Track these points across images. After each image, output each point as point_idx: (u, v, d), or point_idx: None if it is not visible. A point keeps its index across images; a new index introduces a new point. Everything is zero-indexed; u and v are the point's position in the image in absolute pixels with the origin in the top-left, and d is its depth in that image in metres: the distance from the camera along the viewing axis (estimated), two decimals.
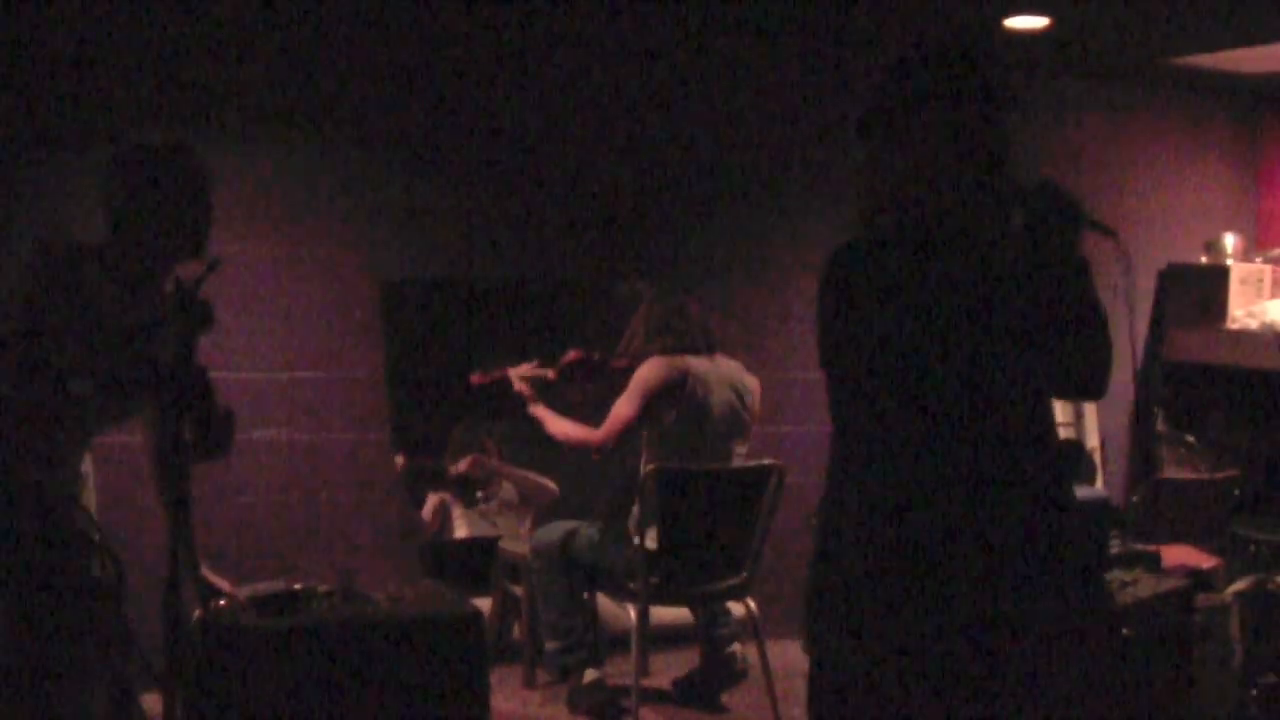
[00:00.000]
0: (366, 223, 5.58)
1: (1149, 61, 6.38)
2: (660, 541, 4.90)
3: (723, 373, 5.09)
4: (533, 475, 6.29)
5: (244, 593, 3.75)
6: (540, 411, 5.20)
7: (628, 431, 5.00)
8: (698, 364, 5.03)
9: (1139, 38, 5.87)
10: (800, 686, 5.49)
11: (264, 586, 3.87)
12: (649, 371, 4.99)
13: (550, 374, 5.23)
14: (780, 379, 6.01)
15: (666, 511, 4.89)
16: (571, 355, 5.22)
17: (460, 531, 6.25)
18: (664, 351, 5.03)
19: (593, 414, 5.13)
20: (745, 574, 5.07)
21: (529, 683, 5.37)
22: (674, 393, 4.96)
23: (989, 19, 5.63)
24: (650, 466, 4.91)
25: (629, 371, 5.05)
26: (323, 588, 3.92)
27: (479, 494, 6.24)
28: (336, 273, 5.55)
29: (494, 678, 4.47)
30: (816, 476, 6.15)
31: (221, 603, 3.65)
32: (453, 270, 5.78)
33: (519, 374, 5.23)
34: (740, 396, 5.10)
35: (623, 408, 5.00)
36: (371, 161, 5.59)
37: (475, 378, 5.37)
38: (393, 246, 5.64)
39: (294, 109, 5.46)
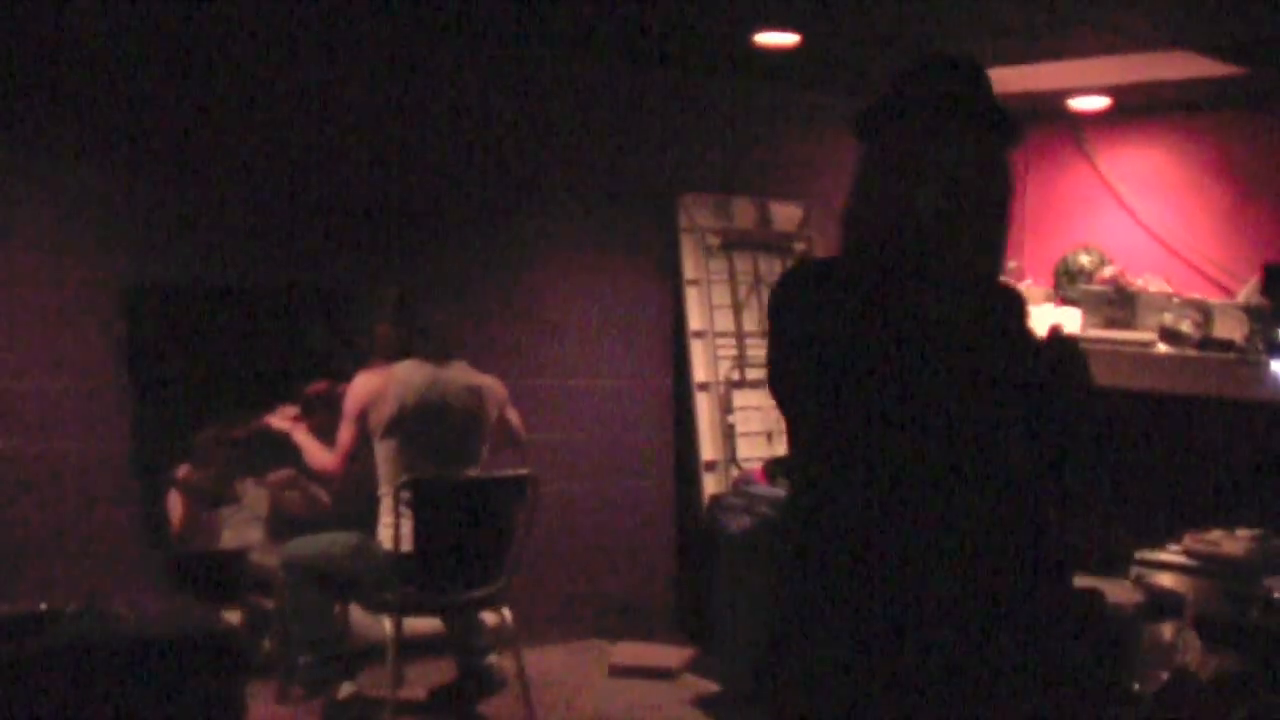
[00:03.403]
0: (109, 227, 5.41)
1: None
2: (415, 550, 4.89)
3: (451, 377, 5.12)
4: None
5: None
6: (302, 438, 5.30)
7: (354, 452, 5.10)
8: (409, 370, 5.07)
9: (889, 54, 6.04)
10: (555, 693, 5.56)
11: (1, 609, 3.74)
12: (353, 389, 5.10)
13: (296, 410, 5.45)
14: (532, 386, 6.05)
15: (420, 521, 4.89)
16: (315, 386, 5.49)
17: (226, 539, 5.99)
18: (387, 359, 5.14)
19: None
20: (500, 583, 5.09)
21: (282, 698, 5.28)
22: (382, 402, 5.02)
23: (739, 33, 5.74)
24: (402, 476, 4.92)
25: None
26: (70, 607, 3.80)
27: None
28: (69, 278, 5.35)
29: (246, 694, 4.39)
30: (569, 484, 6.29)
31: None
32: (200, 277, 5.65)
33: (276, 420, 5.41)
34: (472, 398, 5.15)
35: (343, 433, 5.11)
36: (115, 165, 5.41)
37: (237, 433, 5.60)
38: (134, 252, 5.47)
39: (37, 111, 5.26)
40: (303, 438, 5.29)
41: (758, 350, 6.62)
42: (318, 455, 5.22)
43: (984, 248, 2.31)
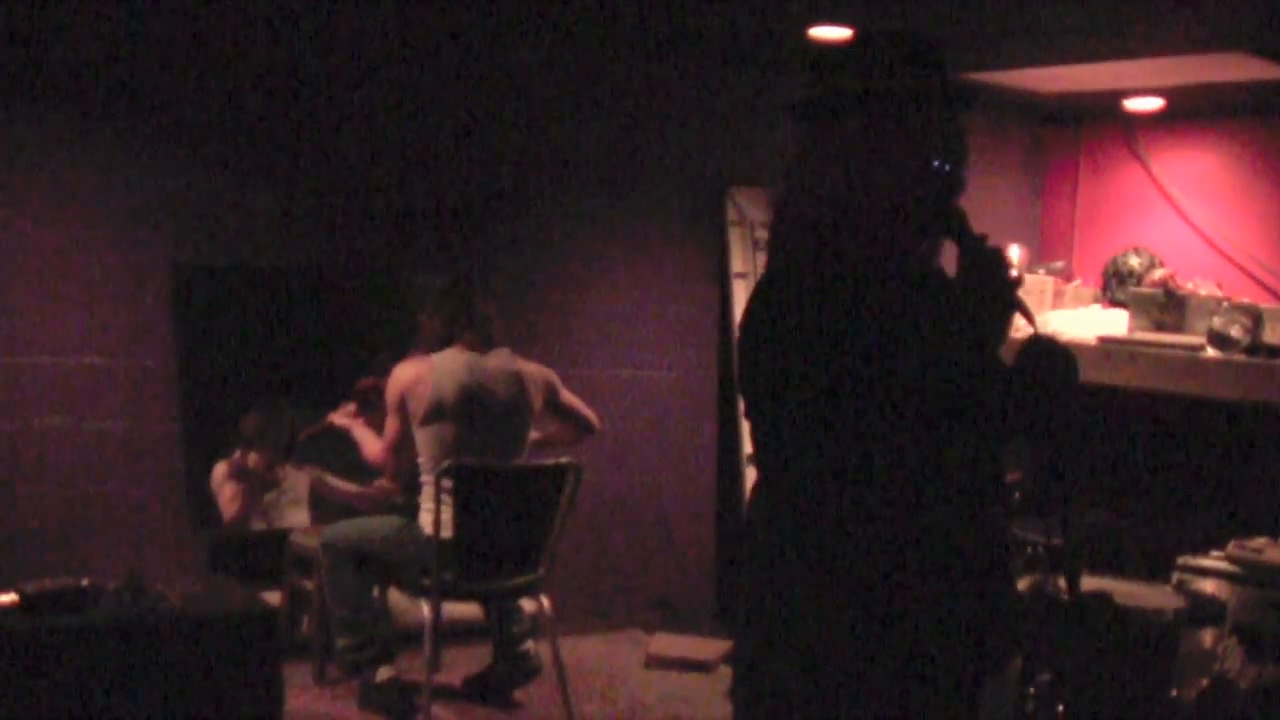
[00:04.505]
0: (160, 207, 5.45)
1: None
2: (455, 537, 4.91)
3: (492, 364, 5.12)
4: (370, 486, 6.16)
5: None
6: (359, 433, 5.41)
7: (400, 443, 5.12)
8: (449, 358, 5.07)
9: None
10: (591, 682, 5.57)
11: (44, 584, 3.76)
12: (392, 380, 5.12)
13: (354, 406, 5.55)
14: (576, 376, 6.05)
15: (461, 508, 4.90)
16: (364, 382, 5.59)
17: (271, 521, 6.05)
18: (429, 349, 5.13)
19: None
20: (540, 571, 5.10)
21: (319, 679, 5.32)
22: (420, 390, 5.03)
23: (792, 27, 5.73)
24: (444, 463, 4.93)
25: None
26: (111, 584, 3.83)
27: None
28: (119, 256, 5.40)
29: (284, 674, 4.42)
30: (611, 474, 6.30)
31: None
32: (248, 258, 5.69)
33: (338, 417, 5.54)
34: (513, 385, 5.15)
35: (388, 425, 5.15)
36: (167, 145, 5.45)
37: (304, 434, 5.72)
38: (184, 232, 5.51)
39: (91, 89, 5.31)
40: (359, 432, 5.40)
41: None
42: (368, 447, 5.31)
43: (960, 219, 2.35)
